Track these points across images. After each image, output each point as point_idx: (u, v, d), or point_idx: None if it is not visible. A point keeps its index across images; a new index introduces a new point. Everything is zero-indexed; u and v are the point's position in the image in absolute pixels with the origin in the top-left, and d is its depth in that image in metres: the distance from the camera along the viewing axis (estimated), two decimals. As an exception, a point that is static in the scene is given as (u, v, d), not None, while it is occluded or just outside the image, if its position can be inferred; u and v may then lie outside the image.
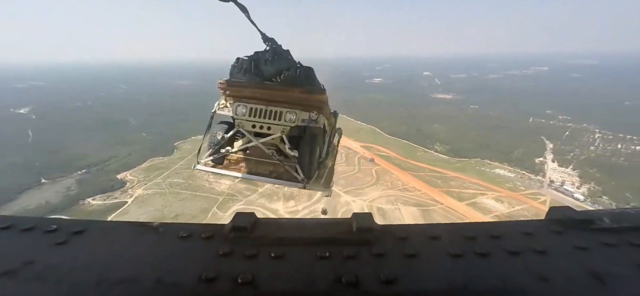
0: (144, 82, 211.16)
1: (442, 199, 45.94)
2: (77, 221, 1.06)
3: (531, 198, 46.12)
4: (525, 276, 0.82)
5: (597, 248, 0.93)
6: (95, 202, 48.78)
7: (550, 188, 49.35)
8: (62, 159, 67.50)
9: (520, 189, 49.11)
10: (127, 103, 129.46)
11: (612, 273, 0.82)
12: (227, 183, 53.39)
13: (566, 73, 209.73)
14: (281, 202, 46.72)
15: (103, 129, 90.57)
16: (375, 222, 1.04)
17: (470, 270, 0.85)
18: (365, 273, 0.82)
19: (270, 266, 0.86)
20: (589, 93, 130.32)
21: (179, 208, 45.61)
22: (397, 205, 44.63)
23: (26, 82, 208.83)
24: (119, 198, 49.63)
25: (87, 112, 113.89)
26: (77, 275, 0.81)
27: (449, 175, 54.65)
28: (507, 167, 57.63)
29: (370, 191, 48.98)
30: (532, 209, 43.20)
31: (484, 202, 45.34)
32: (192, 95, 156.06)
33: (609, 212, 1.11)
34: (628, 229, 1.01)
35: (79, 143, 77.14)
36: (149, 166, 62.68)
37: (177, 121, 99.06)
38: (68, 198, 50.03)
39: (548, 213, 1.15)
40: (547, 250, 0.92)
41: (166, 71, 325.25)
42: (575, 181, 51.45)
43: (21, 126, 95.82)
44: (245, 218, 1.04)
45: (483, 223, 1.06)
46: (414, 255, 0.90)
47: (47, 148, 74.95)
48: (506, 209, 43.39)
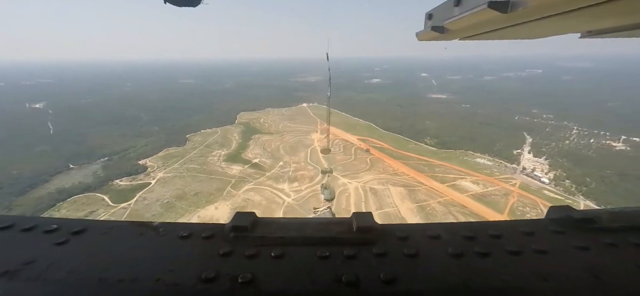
0: (148, 81, 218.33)
1: (427, 182, 53.31)
2: (77, 221, 1.07)
3: (503, 181, 53.52)
4: (525, 276, 0.82)
5: (597, 248, 0.93)
6: (122, 183, 55.93)
7: (522, 174, 56.76)
8: (84, 148, 74.81)
9: (495, 175, 56.53)
10: (135, 100, 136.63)
11: (613, 272, 0.83)
12: (238, 168, 60.73)
13: (558, 75, 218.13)
14: (287, 183, 53.97)
15: (117, 123, 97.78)
16: (375, 221, 1.05)
17: (471, 270, 0.85)
18: (366, 273, 0.82)
19: (270, 265, 0.87)
20: (575, 94, 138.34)
21: (198, 188, 52.79)
22: (387, 186, 51.97)
23: (33, 79, 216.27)
24: (144, 180, 56.79)
25: (99, 107, 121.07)
26: (77, 274, 0.81)
27: (434, 163, 62.07)
28: (487, 157, 65.11)
29: (364, 175, 56.33)
30: (503, 190, 50.59)
31: (462, 184, 52.71)
32: (197, 93, 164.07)
33: (609, 211, 1.13)
34: (628, 229, 1.02)
35: (98, 135, 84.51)
36: (165, 155, 69.86)
37: (185, 116, 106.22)
38: (98, 179, 57.24)
39: (548, 213, 1.17)
40: (547, 249, 0.92)
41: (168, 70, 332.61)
42: (545, 168, 58.89)
43: (40, 120, 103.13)
44: (245, 218, 1.05)
45: (483, 223, 1.08)
46: (414, 254, 0.91)
47: (69, 138, 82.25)
48: (480, 190, 50.73)
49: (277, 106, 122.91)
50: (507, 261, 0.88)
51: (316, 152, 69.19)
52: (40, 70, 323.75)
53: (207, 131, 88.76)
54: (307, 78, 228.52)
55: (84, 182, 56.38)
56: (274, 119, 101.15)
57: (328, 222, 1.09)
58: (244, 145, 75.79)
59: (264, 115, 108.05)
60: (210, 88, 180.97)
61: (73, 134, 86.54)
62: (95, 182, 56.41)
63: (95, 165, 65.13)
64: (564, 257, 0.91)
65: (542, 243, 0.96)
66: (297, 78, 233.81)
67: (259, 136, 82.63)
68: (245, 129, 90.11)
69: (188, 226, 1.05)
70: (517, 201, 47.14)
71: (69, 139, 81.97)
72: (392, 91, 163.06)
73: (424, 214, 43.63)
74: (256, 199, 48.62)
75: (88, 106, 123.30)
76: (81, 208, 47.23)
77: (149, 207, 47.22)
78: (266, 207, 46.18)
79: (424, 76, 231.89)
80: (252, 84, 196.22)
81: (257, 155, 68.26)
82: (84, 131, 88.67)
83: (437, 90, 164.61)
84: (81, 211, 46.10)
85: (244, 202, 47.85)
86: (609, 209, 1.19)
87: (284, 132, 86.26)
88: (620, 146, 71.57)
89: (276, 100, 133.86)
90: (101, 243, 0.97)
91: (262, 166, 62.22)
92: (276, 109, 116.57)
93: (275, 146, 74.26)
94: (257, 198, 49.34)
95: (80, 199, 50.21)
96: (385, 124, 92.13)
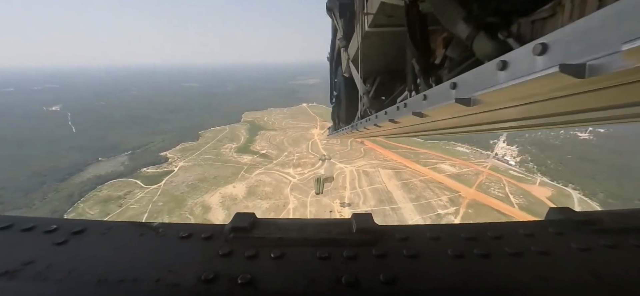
0: (152, 85, 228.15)
1: (411, 166, 63.10)
2: (77, 221, 1.07)
3: (477, 165, 63.40)
4: (526, 278, 0.82)
5: (597, 249, 0.93)
6: (149, 170, 65.45)
7: (494, 158, 66.69)
8: (107, 144, 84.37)
9: (471, 159, 66.45)
10: (144, 103, 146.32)
11: (613, 274, 0.83)
12: (248, 158, 70.40)
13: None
14: (292, 168, 63.68)
15: (133, 123, 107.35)
16: (375, 222, 1.05)
17: (471, 271, 0.85)
18: (366, 274, 0.83)
19: (270, 266, 0.87)
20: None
21: (216, 173, 62.38)
22: (377, 169, 61.74)
23: (41, 85, 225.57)
24: (167, 168, 66.38)
25: (111, 109, 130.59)
26: (77, 274, 0.81)
27: (420, 151, 72.00)
28: (467, 146, 75.07)
29: (358, 161, 66.16)
30: (475, 171, 60.44)
31: (441, 167, 62.53)
32: (201, 95, 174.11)
33: (610, 213, 1.14)
34: (629, 230, 1.02)
35: (117, 133, 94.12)
36: (182, 148, 79.51)
37: (194, 115, 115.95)
38: (128, 168, 66.77)
39: (548, 214, 1.17)
40: (548, 251, 0.92)
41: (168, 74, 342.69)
42: (514, 154, 68.89)
43: (59, 121, 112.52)
44: (245, 218, 1.05)
45: (484, 224, 1.08)
46: (415, 255, 0.91)
47: (92, 136, 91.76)
48: (456, 171, 60.54)
49: (278, 106, 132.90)
50: (508, 263, 0.89)
51: (316, 144, 79.02)
52: (43, 76, 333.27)
53: (216, 128, 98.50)
54: (305, 81, 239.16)
55: (116, 170, 65.89)
56: (277, 118, 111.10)
57: (328, 223, 1.09)
58: (251, 139, 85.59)
59: (267, 114, 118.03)
60: (213, 91, 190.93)
61: (94, 132, 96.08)
62: (126, 170, 65.93)
63: (121, 157, 74.66)
64: (565, 258, 0.91)
65: (543, 244, 0.95)
66: (296, 81, 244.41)
67: (264, 132, 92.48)
68: (251, 127, 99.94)
69: (188, 226, 1.06)
70: (485, 179, 56.98)
71: (91, 136, 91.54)
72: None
73: (407, 189, 53.34)
74: (267, 180, 58.27)
75: (101, 108, 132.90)
76: (119, 189, 56.69)
77: (177, 187, 56.76)
78: (276, 185, 55.81)
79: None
80: (253, 87, 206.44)
81: (264, 147, 78.08)
82: (103, 130, 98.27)
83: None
84: (121, 191, 55.58)
85: (257, 182, 57.49)
86: (609, 210, 1.22)
87: (286, 128, 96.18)
88: (585, 136, 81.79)
89: (277, 101, 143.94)
90: (101, 243, 0.97)
91: (269, 155, 71.96)
92: (278, 109, 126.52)
93: (280, 139, 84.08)
94: (268, 179, 59.02)
95: (116, 183, 59.67)
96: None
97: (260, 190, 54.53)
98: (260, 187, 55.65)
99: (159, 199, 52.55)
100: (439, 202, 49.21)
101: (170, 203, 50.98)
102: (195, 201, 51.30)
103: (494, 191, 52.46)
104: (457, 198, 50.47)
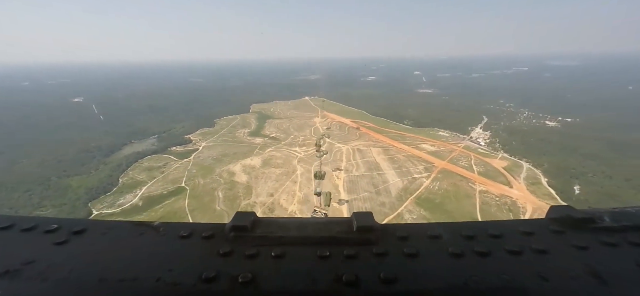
0: (159, 80, 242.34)
1: (398, 145, 76.84)
2: (77, 221, 1.09)
3: (453, 145, 77.12)
4: (525, 276, 0.83)
5: (597, 248, 0.95)
6: (177, 149, 79.36)
7: (469, 140, 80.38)
8: (135, 129, 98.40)
9: (449, 141, 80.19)
10: (157, 96, 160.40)
11: (613, 272, 0.83)
12: (260, 140, 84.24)
13: (541, 73, 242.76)
14: (298, 147, 77.52)
15: (152, 112, 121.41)
16: (375, 221, 1.07)
17: (471, 270, 0.86)
18: (366, 273, 0.83)
19: (270, 265, 0.88)
20: (545, 88, 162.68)
21: (234, 150, 76.23)
22: (369, 148, 75.53)
23: (55, 79, 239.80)
24: (193, 147, 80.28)
25: (130, 101, 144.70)
26: (77, 274, 0.82)
27: (407, 135, 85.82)
28: (448, 131, 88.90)
29: (353, 142, 79.98)
30: (450, 149, 74.10)
31: (422, 146, 76.26)
32: (210, 89, 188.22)
33: (610, 211, 1.15)
34: (628, 229, 1.04)
35: (141, 120, 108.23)
36: (201, 132, 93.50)
37: (207, 107, 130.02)
38: (160, 147, 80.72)
39: (548, 213, 1.19)
40: (547, 249, 0.94)
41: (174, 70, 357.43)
42: (486, 137, 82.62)
43: (86, 112, 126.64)
44: (245, 217, 1.08)
45: (483, 222, 1.10)
46: (415, 254, 0.92)
47: (120, 123, 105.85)
48: (435, 149, 74.26)
49: (283, 99, 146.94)
50: (508, 261, 0.90)
51: (318, 130, 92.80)
52: (54, 72, 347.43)
53: (228, 117, 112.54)
54: (307, 77, 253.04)
55: (150, 148, 79.89)
56: (282, 109, 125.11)
57: (328, 222, 1.12)
58: (261, 126, 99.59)
59: (273, 105, 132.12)
60: (220, 85, 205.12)
61: (120, 120, 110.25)
62: (158, 148, 79.92)
63: (151, 139, 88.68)
64: (564, 257, 0.92)
65: (542, 242, 0.97)
66: (298, 77, 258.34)
67: (271, 120, 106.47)
68: (259, 116, 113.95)
69: (188, 226, 1.08)
70: (456, 155, 70.66)
71: (119, 123, 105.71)
72: (385, 86, 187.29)
73: (392, 161, 67.05)
74: (278, 155, 72.10)
75: (120, 100, 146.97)
76: (158, 161, 70.55)
77: (205, 160, 70.66)
78: (286, 159, 69.59)
79: (416, 74, 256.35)
80: (258, 82, 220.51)
81: (273, 131, 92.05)
82: (128, 118, 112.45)
83: (426, 86, 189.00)
84: (159, 163, 69.44)
85: (269, 156, 71.32)
86: (609, 209, 1.23)
87: (291, 117, 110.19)
88: (553, 124, 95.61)
89: (282, 94, 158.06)
90: (101, 243, 0.99)
91: (278, 138, 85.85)
92: (283, 101, 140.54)
93: (286, 126, 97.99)
94: (278, 154, 72.88)
95: (154, 157, 73.57)
96: (374, 111, 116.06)
97: (273, 161, 68.33)
98: (273, 160, 69.47)
99: (192, 168, 66.37)
100: (416, 170, 62.89)
101: (201, 170, 64.77)
102: (222, 169, 65.08)
103: (461, 163, 66.11)
104: (430, 167, 64.15)
